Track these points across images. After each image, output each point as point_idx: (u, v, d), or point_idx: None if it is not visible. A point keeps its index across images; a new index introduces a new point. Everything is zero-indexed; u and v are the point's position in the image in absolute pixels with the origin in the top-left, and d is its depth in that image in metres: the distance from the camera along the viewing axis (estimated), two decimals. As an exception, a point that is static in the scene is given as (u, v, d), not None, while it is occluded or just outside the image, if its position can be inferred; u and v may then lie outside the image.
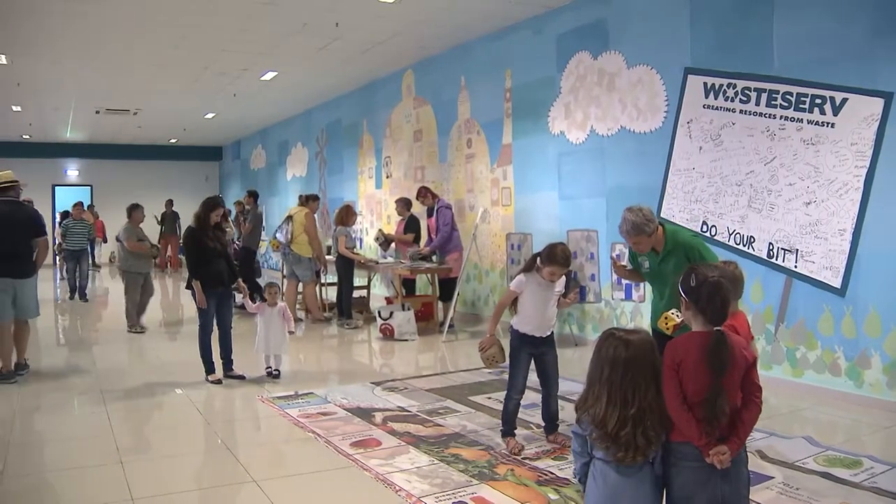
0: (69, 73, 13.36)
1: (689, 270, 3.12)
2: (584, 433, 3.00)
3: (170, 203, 21.86)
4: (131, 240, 10.57)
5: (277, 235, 11.35)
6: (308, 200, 11.62)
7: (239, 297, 7.83)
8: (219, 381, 7.32)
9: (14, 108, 17.25)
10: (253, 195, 13.50)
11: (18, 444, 5.51)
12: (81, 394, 7.12)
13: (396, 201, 11.45)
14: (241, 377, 7.46)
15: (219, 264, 7.37)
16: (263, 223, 14.85)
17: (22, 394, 7.10)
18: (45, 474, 4.97)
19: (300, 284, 11.35)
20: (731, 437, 2.90)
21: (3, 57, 11.88)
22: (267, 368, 7.64)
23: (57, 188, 24.93)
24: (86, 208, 19.05)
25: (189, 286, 7.34)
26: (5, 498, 4.50)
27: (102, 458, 5.18)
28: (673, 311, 4.14)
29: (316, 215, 11.63)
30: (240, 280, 7.67)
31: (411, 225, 11.32)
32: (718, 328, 2.95)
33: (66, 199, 23.65)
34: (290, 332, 7.88)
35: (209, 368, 7.44)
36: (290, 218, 11.33)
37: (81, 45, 11.32)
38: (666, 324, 4.11)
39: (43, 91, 15.27)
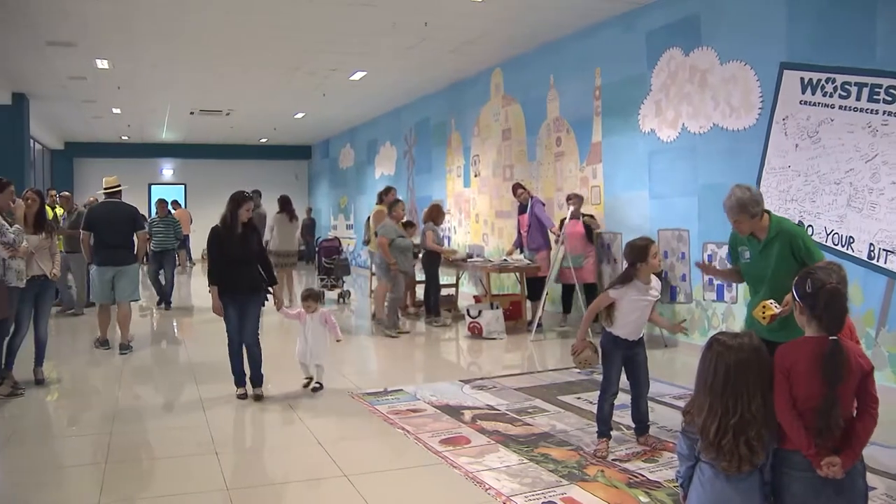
0: (165, 76, 13.80)
1: (804, 274, 3.03)
2: (694, 436, 2.96)
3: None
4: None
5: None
6: (382, 196, 11.58)
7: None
8: (244, 396, 6.77)
9: (114, 110, 17.92)
10: (258, 195, 13.59)
11: (120, 431, 5.73)
12: (176, 386, 7.37)
13: (569, 197, 10.13)
14: (260, 397, 6.75)
15: (240, 269, 6.69)
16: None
17: (123, 388, 7.39)
18: (144, 461, 5.15)
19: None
20: (845, 449, 2.81)
21: (105, 62, 12.36)
22: (306, 379, 7.10)
23: (153, 187, 25.75)
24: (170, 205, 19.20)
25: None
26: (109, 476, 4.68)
27: (198, 448, 5.35)
28: (771, 301, 4.00)
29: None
30: (274, 289, 6.97)
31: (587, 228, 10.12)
32: (834, 337, 2.86)
33: (162, 197, 24.47)
34: (337, 341, 7.20)
35: (236, 380, 6.86)
36: (369, 218, 11.50)
37: (177, 48, 11.69)
38: (763, 313, 3.95)
39: (141, 94, 15.81)
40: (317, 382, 7.00)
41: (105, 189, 9.59)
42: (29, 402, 6.77)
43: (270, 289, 6.95)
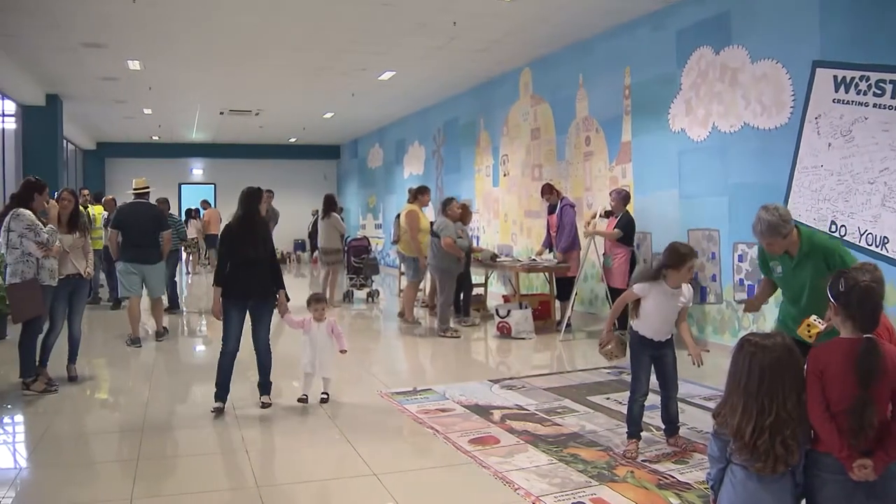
0: (195, 76, 13.93)
1: (837, 275, 3.01)
2: (725, 438, 2.94)
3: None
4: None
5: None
6: (417, 195, 11.50)
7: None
8: (220, 411, 6.23)
9: (145, 111, 18.11)
10: (270, 194, 13.69)
11: (151, 428, 5.79)
12: (205, 384, 7.42)
13: (617, 193, 9.70)
14: (267, 405, 6.42)
15: (253, 272, 6.27)
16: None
17: (153, 382, 7.46)
18: (175, 458, 5.19)
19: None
20: (878, 451, 2.77)
21: (136, 63, 12.49)
22: (303, 395, 6.54)
23: (183, 186, 25.99)
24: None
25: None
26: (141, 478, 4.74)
27: (228, 446, 5.39)
28: (814, 317, 3.96)
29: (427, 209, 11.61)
30: (281, 294, 6.48)
31: (624, 225, 9.51)
32: (868, 335, 2.84)
33: (191, 196, 24.73)
34: (342, 352, 6.61)
35: (218, 393, 6.30)
36: (398, 217, 11.50)
37: (207, 49, 11.80)
38: (808, 332, 3.91)
39: (171, 94, 15.97)
40: (324, 393, 6.60)
41: (134, 189, 9.97)
42: (62, 398, 6.86)
43: (280, 294, 6.49)
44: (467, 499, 4.49)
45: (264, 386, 6.53)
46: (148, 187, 10.00)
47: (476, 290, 11.88)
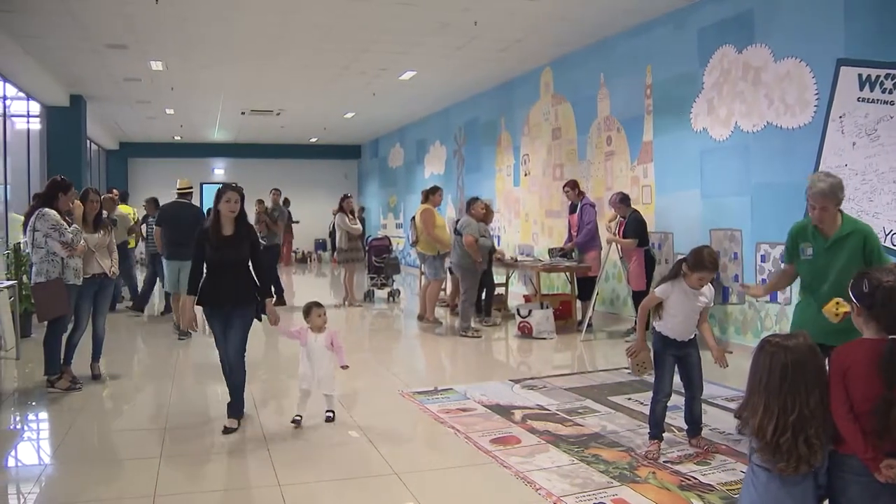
0: (217, 76, 14.00)
1: (860, 275, 2.99)
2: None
3: (286, 202, 22.57)
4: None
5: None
6: (429, 195, 11.45)
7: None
8: (230, 431, 5.71)
9: (167, 110, 18.22)
10: (277, 192, 13.80)
11: (174, 426, 5.83)
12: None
13: (615, 197, 9.62)
14: (232, 430, 5.72)
15: (225, 278, 5.71)
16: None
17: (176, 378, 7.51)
18: (197, 456, 5.22)
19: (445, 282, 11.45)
20: None
21: (159, 63, 12.58)
22: (297, 416, 5.88)
23: (205, 186, 26.10)
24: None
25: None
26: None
27: (250, 444, 5.42)
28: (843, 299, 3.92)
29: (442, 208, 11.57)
30: (268, 302, 5.85)
31: (633, 227, 9.36)
32: (894, 336, 2.81)
33: (213, 196, 24.82)
34: (344, 367, 5.93)
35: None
36: (413, 219, 11.51)
37: (229, 49, 11.85)
38: (836, 310, 3.85)
39: (193, 94, 16.07)
40: (328, 411, 5.97)
41: (178, 189, 10.45)
42: (86, 396, 6.91)
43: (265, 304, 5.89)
44: (488, 498, 4.49)
45: (232, 407, 5.86)
46: (191, 187, 10.56)
47: (497, 290, 11.87)
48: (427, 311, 11.08)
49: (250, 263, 5.87)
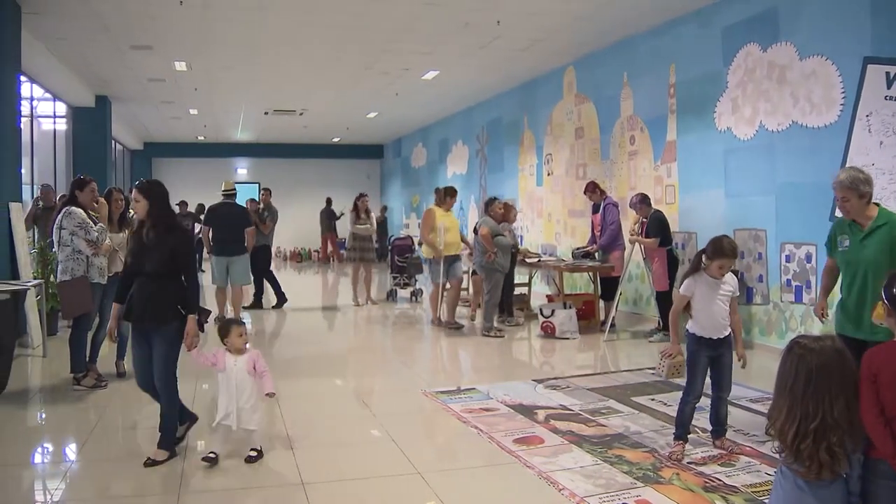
0: (241, 76, 14.09)
1: (892, 276, 2.95)
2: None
3: (328, 201, 22.72)
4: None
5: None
6: (445, 197, 11.07)
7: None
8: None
9: (191, 111, 18.36)
10: (267, 192, 13.83)
11: (198, 424, 5.85)
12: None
13: (635, 198, 9.55)
14: (154, 462, 4.95)
15: (140, 288, 4.96)
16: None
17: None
18: (221, 454, 5.24)
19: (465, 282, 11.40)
20: None
21: (183, 64, 12.67)
22: (211, 454, 5.00)
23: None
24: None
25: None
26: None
27: (273, 444, 5.44)
28: None
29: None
30: (190, 319, 4.93)
31: (655, 226, 9.24)
32: None
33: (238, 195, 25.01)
34: (269, 395, 5.11)
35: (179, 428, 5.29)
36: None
37: (251, 50, 11.93)
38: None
39: (217, 95, 16.19)
40: (252, 450, 5.06)
41: (223, 191, 11.51)
42: (111, 393, 6.96)
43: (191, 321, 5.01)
44: (511, 498, 4.48)
45: (162, 439, 5.08)
46: (234, 189, 11.58)
47: (520, 290, 11.85)
48: (448, 313, 10.69)
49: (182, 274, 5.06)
